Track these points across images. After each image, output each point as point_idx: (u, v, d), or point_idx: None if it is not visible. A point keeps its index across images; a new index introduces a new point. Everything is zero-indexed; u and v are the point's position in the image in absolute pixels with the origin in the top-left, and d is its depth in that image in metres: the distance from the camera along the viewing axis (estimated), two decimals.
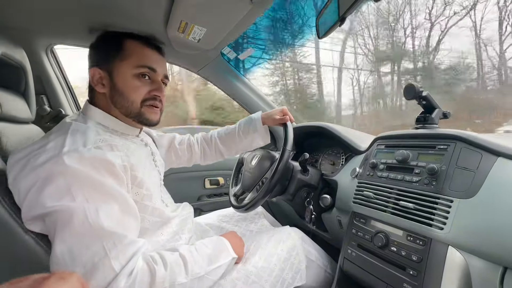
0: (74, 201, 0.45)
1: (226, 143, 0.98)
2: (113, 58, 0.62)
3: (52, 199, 0.45)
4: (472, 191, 0.53)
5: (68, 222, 0.44)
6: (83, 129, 0.55)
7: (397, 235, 0.62)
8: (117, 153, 0.54)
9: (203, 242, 0.64)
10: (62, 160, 0.46)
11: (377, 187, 0.70)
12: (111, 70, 0.62)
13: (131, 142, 0.65)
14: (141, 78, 0.63)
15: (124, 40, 0.63)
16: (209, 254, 0.61)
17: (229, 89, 1.35)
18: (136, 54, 0.63)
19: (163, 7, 0.81)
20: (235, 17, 0.84)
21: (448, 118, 0.71)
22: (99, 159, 0.49)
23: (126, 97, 0.62)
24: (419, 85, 0.68)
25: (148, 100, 0.64)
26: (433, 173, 0.59)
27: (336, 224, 0.89)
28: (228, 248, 0.66)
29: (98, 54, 0.64)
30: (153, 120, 0.66)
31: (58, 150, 0.48)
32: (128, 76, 0.62)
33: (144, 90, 0.63)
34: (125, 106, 0.62)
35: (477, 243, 0.49)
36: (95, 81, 0.62)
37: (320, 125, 1.07)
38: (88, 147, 0.50)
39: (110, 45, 0.63)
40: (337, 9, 0.68)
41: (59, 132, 0.53)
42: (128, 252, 0.47)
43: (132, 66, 0.62)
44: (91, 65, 0.63)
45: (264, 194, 0.83)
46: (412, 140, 0.69)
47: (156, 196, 0.64)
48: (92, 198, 0.47)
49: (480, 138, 0.58)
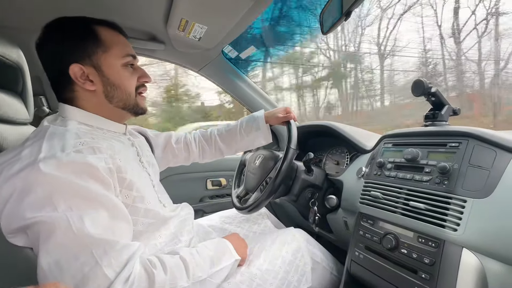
0: (56, 211, 0.42)
1: (226, 141, 0.96)
2: (95, 51, 0.56)
3: (32, 210, 0.42)
4: (487, 190, 0.51)
5: (51, 233, 0.41)
6: (61, 132, 0.50)
7: (408, 236, 0.60)
8: (100, 156, 0.50)
9: (204, 244, 0.62)
10: (38, 167, 0.43)
11: (385, 187, 0.68)
12: (98, 64, 0.57)
13: (117, 140, 0.61)
14: (128, 68, 0.61)
15: (97, 28, 0.58)
16: (211, 256, 0.59)
17: (231, 88, 1.33)
18: (116, 43, 0.59)
19: (163, 5, 0.80)
20: (236, 15, 0.82)
21: (458, 114, 0.69)
22: (79, 164, 0.46)
23: (124, 89, 0.60)
24: (428, 81, 0.66)
25: (139, 88, 0.63)
26: (444, 172, 0.56)
27: (342, 225, 0.86)
28: (231, 250, 0.64)
29: (71, 47, 0.56)
30: (145, 107, 0.66)
31: (34, 157, 0.44)
32: (118, 68, 0.59)
33: (134, 79, 0.62)
34: (124, 99, 0.60)
35: (493, 245, 0.47)
36: (81, 79, 0.56)
37: (324, 124, 1.05)
38: (66, 152, 0.46)
39: (84, 36, 0.56)
40: (341, 3, 0.66)
41: (35, 138, 0.50)
42: (122, 257, 0.44)
43: (118, 56, 0.59)
44: (67, 61, 0.55)
45: (268, 194, 0.81)
46: (421, 138, 0.67)
47: (149, 197, 0.61)
48: (76, 205, 0.43)
49: (494, 135, 0.55)
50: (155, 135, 0.90)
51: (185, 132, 0.99)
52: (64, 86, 0.58)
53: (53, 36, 0.56)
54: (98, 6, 0.78)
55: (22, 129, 0.70)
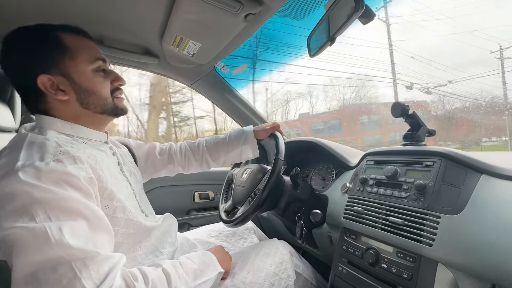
0: (34, 221, 0.40)
1: (214, 153, 0.96)
2: (61, 59, 0.55)
3: (9, 221, 0.40)
4: (458, 207, 0.54)
5: (28, 244, 0.40)
6: (41, 141, 0.49)
7: (388, 251, 0.62)
8: (80, 166, 0.49)
9: (188, 256, 0.62)
10: (17, 176, 0.41)
11: (367, 203, 0.71)
12: (67, 72, 0.55)
13: (98, 149, 0.60)
14: (99, 72, 0.60)
15: (60, 35, 0.56)
16: (194, 269, 0.58)
17: (222, 102, 1.36)
18: (82, 49, 0.57)
19: (159, 21, 0.83)
20: (230, 34, 0.86)
21: (434, 135, 0.74)
22: (59, 173, 0.45)
23: (99, 95, 0.59)
24: (406, 104, 0.71)
25: (114, 91, 0.63)
26: (421, 189, 0.60)
27: (327, 240, 0.88)
28: (215, 263, 0.64)
29: (35, 58, 0.54)
30: (125, 108, 0.65)
31: (11, 166, 0.43)
32: (89, 74, 0.58)
33: (107, 83, 0.61)
34: (100, 104, 0.60)
35: (464, 260, 0.50)
36: (51, 90, 0.54)
37: (311, 140, 1.09)
38: (46, 161, 0.45)
39: (47, 44, 0.54)
40: (327, 29, 0.71)
41: (13, 147, 0.48)
42: (102, 269, 0.43)
43: (88, 62, 0.57)
44: (33, 72, 0.53)
45: (255, 207, 0.82)
46: (400, 156, 0.71)
47: (130, 207, 0.60)
48: (55, 215, 0.42)
49: (464, 155, 0.60)
50: (137, 145, 0.90)
51: (170, 143, 1.00)
52: (36, 99, 0.56)
53: (15, 47, 0.54)
54: (94, 19, 0.80)
55: (7, 136, 0.70)
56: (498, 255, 0.45)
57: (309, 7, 0.84)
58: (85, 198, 0.47)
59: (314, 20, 0.74)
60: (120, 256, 0.48)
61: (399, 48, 4.27)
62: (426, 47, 6.36)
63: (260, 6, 0.71)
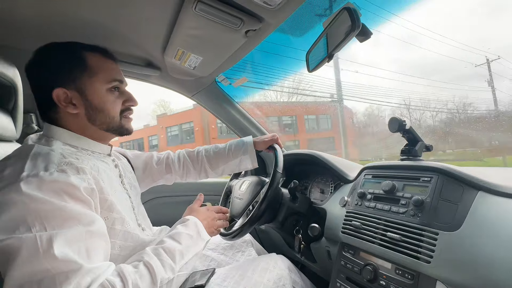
0: (30, 231, 0.41)
1: (213, 162, 0.97)
2: (80, 76, 0.58)
3: (5, 231, 0.41)
4: (456, 224, 0.54)
5: (19, 256, 0.40)
6: (46, 151, 0.51)
7: (386, 268, 0.61)
8: (83, 176, 0.50)
9: (172, 235, 0.62)
10: (18, 187, 0.43)
11: (365, 217, 0.70)
12: (82, 89, 0.59)
13: (101, 161, 0.62)
14: (114, 92, 0.63)
15: (86, 54, 0.60)
16: (180, 250, 0.59)
17: (221, 114, 1.38)
18: (103, 69, 0.61)
19: (162, 35, 0.85)
20: (231, 49, 0.89)
21: (431, 150, 0.75)
22: (61, 183, 0.46)
23: (107, 113, 0.61)
24: (402, 119, 0.72)
25: (124, 112, 0.65)
26: (418, 205, 0.60)
27: (325, 255, 0.86)
28: (201, 233, 0.66)
29: (57, 72, 0.58)
30: (131, 128, 0.68)
31: (16, 176, 0.44)
32: (102, 92, 0.61)
33: (119, 103, 0.64)
34: (106, 122, 0.62)
35: (463, 278, 0.49)
36: (63, 102, 0.57)
37: (310, 153, 1.09)
38: (50, 171, 0.46)
39: (71, 61, 0.59)
40: (326, 46, 0.73)
41: (18, 156, 0.50)
42: (84, 281, 0.43)
43: (104, 81, 0.61)
44: (52, 85, 0.57)
45: (253, 220, 0.81)
46: (398, 171, 0.71)
47: (129, 220, 0.61)
48: (51, 225, 0.43)
49: (460, 171, 0.60)
50: (135, 156, 0.90)
51: (167, 152, 1.00)
52: (49, 107, 0.59)
53: (42, 60, 0.59)
54: (99, 31, 0.82)
55: (8, 146, 0.70)
56: (498, 272, 0.45)
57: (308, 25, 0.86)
58: (82, 207, 0.48)
59: (313, 37, 0.76)
60: (107, 265, 0.48)
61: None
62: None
63: (261, 23, 0.73)
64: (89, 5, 0.70)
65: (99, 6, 0.70)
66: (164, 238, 0.60)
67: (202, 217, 0.73)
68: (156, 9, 0.73)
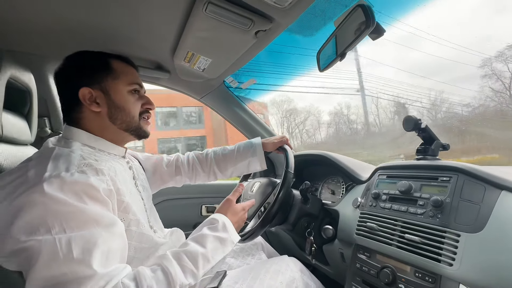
0: (50, 233, 0.42)
1: (222, 164, 0.97)
2: (105, 78, 0.63)
3: (26, 233, 0.42)
4: (479, 225, 0.52)
5: (38, 259, 0.41)
6: (67, 153, 0.53)
7: (405, 270, 0.59)
8: (102, 178, 0.52)
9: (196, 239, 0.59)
10: (41, 188, 0.44)
11: (381, 219, 0.69)
12: (106, 89, 0.63)
13: (117, 163, 0.64)
14: (134, 94, 0.67)
15: (111, 60, 0.66)
16: (204, 254, 0.55)
17: (230, 116, 1.38)
18: (125, 73, 0.66)
19: (171, 38, 0.86)
20: (240, 50, 0.88)
21: (448, 150, 0.72)
22: (82, 184, 0.47)
23: (128, 112, 0.64)
24: (417, 117, 0.70)
25: (143, 113, 0.68)
26: (438, 206, 0.58)
27: (338, 257, 0.85)
28: (230, 233, 0.63)
29: (84, 74, 0.63)
30: (148, 131, 0.70)
31: (39, 177, 0.46)
32: (124, 93, 0.65)
33: (139, 105, 0.67)
34: (127, 121, 0.64)
35: (486, 281, 0.47)
36: (88, 101, 0.61)
37: (320, 154, 1.08)
38: (71, 172, 0.48)
39: (97, 65, 0.64)
40: (337, 45, 0.72)
41: (40, 158, 0.52)
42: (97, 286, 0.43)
43: (126, 83, 0.65)
44: (78, 85, 0.61)
45: (264, 222, 0.80)
46: (414, 171, 0.69)
47: (143, 221, 0.61)
48: (70, 227, 0.43)
49: (482, 171, 0.58)
50: (145, 158, 0.91)
51: (177, 154, 1.01)
52: (73, 108, 0.62)
53: (72, 65, 0.64)
54: (111, 36, 0.83)
55: (23, 150, 0.71)
56: None
57: (319, 24, 0.85)
58: (101, 208, 0.49)
59: (324, 36, 0.75)
60: (123, 267, 0.48)
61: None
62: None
63: (271, 23, 0.72)
64: (100, 11, 0.71)
65: (110, 12, 0.71)
66: (188, 241, 0.59)
67: (235, 219, 0.70)
68: (166, 13, 0.73)
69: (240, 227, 0.73)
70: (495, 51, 2.73)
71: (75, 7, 0.69)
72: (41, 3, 0.66)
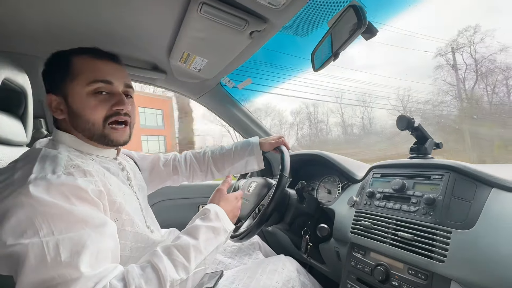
0: (38, 236, 0.41)
1: (219, 163, 0.97)
2: (63, 80, 0.57)
3: (14, 236, 0.41)
4: (469, 222, 0.53)
5: (26, 263, 0.40)
6: (53, 155, 0.51)
7: (398, 268, 0.60)
8: (90, 179, 0.50)
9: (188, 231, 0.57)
10: (27, 190, 0.43)
11: (375, 217, 0.69)
12: (65, 94, 0.57)
13: (107, 165, 0.61)
14: (97, 95, 0.57)
15: (72, 58, 0.58)
16: (195, 246, 0.54)
17: (227, 116, 1.38)
18: (85, 70, 0.57)
19: (167, 39, 0.86)
20: (235, 50, 0.89)
21: (441, 148, 0.73)
22: (69, 186, 0.46)
23: (86, 119, 0.57)
24: (411, 117, 0.71)
25: (111, 117, 0.59)
26: (430, 203, 0.59)
27: (334, 256, 0.85)
28: (223, 222, 0.62)
29: (49, 79, 0.59)
30: (119, 140, 0.61)
31: (25, 179, 0.44)
32: (82, 96, 0.56)
33: (104, 108, 0.58)
34: (87, 128, 0.57)
35: (478, 277, 0.48)
36: (53, 108, 0.58)
37: (316, 153, 1.08)
38: (58, 174, 0.46)
39: (58, 66, 0.58)
40: (331, 45, 0.73)
41: (26, 160, 0.50)
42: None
43: (84, 84, 0.56)
44: (46, 91, 0.59)
45: (260, 222, 0.81)
46: (408, 170, 0.70)
47: (138, 221, 0.60)
48: (58, 229, 0.42)
49: (473, 169, 0.59)
50: (141, 157, 0.91)
51: (174, 153, 1.01)
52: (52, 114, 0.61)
53: (44, 69, 0.61)
54: (106, 37, 0.83)
55: (18, 151, 0.71)
56: None
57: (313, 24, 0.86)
58: (91, 209, 0.48)
59: (318, 36, 0.76)
60: (113, 268, 0.47)
61: None
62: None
63: (265, 24, 0.73)
64: (95, 11, 0.71)
65: (105, 12, 0.72)
66: (180, 234, 0.57)
67: (228, 208, 0.69)
68: (161, 13, 0.73)
69: (236, 217, 0.71)
70: (449, 38, 2.75)
71: (69, 8, 0.69)
72: (35, 4, 0.66)
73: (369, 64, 6.33)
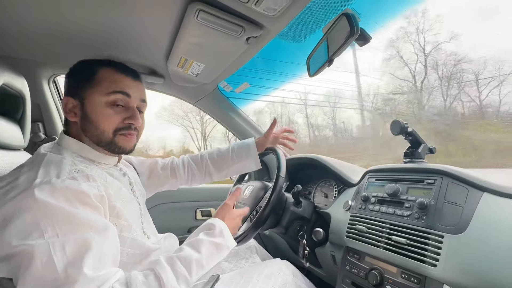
0: (43, 237, 0.42)
1: (217, 165, 0.98)
2: (85, 86, 0.60)
3: (19, 237, 0.42)
4: (461, 226, 0.53)
5: (31, 264, 0.41)
6: (58, 160, 0.53)
7: (392, 272, 0.61)
8: (93, 184, 0.52)
9: (191, 244, 0.59)
10: (32, 193, 0.44)
11: (369, 221, 0.70)
12: (83, 99, 0.60)
13: (108, 172, 0.63)
14: (114, 106, 0.60)
15: (97, 67, 0.62)
16: (198, 260, 0.55)
17: (224, 120, 1.39)
18: (107, 80, 0.61)
19: (164, 44, 0.87)
20: (232, 56, 0.90)
21: (434, 153, 0.74)
22: (73, 190, 0.47)
23: (96, 125, 0.59)
24: (404, 122, 0.72)
25: (122, 130, 0.62)
26: (423, 208, 0.59)
27: (330, 260, 0.86)
28: (227, 240, 0.63)
29: (71, 83, 0.63)
30: (126, 147, 0.64)
31: (30, 183, 0.46)
32: (99, 104, 0.59)
33: (117, 119, 0.61)
34: (95, 134, 0.60)
35: (469, 281, 0.48)
36: (67, 110, 0.60)
37: (313, 157, 1.09)
38: (62, 178, 0.48)
39: (83, 73, 0.62)
40: (326, 51, 0.74)
41: (32, 164, 0.52)
42: None
43: (103, 93, 0.60)
44: (64, 94, 0.63)
45: (257, 225, 0.81)
46: (401, 174, 0.71)
47: (136, 227, 0.61)
48: (63, 231, 0.44)
49: (465, 173, 0.59)
50: (139, 162, 0.91)
51: (172, 157, 1.01)
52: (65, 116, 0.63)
53: (68, 73, 0.65)
54: (104, 42, 0.84)
55: (16, 155, 0.72)
56: (505, 275, 0.44)
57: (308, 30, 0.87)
58: (93, 213, 0.49)
59: (313, 42, 0.77)
60: (115, 272, 0.48)
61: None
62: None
63: (261, 30, 0.74)
64: (94, 16, 0.72)
65: (103, 17, 0.73)
66: (183, 246, 0.59)
67: (232, 224, 0.70)
68: (159, 19, 0.75)
69: (234, 233, 0.73)
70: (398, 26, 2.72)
71: (68, 13, 0.70)
72: (34, 9, 0.67)
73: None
